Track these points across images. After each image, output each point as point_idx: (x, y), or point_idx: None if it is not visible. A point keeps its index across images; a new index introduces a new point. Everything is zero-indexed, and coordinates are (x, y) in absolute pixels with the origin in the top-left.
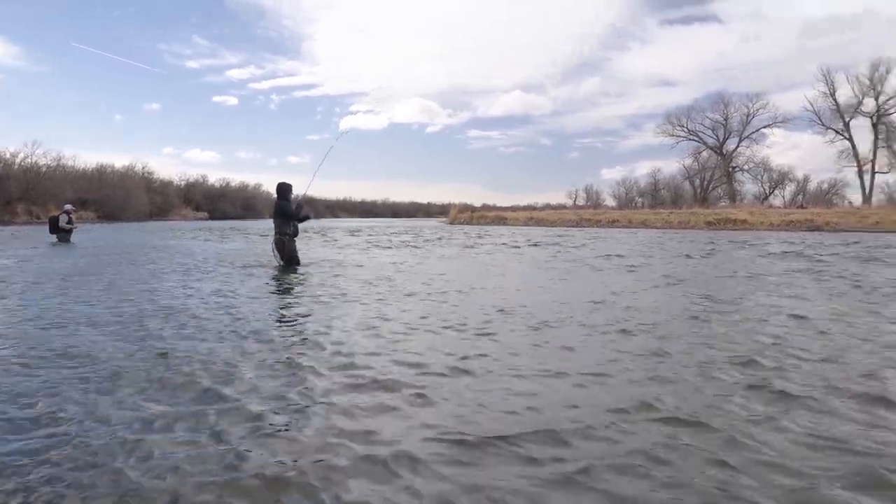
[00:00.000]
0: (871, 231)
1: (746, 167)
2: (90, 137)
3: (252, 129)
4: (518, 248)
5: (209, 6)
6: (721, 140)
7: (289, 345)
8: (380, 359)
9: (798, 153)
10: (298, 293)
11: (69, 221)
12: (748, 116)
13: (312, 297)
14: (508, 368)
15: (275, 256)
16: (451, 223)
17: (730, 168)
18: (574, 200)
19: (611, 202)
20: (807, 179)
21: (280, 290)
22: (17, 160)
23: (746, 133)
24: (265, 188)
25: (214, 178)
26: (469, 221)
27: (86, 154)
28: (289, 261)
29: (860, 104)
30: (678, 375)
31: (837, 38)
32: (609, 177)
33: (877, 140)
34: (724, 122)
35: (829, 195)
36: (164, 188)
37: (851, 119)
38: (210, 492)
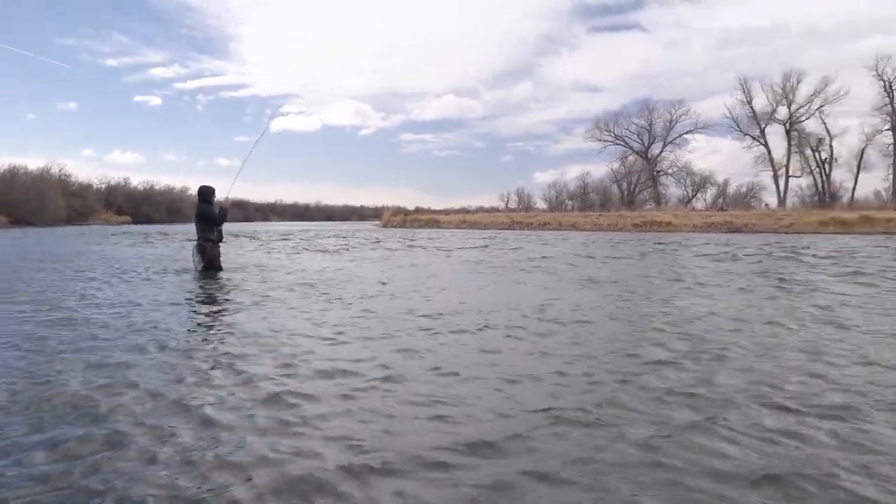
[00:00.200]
0: (786, 232)
1: (670, 171)
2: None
3: (178, 130)
4: (448, 251)
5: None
6: (646, 145)
7: (194, 353)
8: (296, 369)
9: (718, 158)
10: (217, 299)
11: None
12: (671, 122)
13: (232, 303)
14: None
15: (194, 262)
16: (385, 226)
17: (655, 172)
18: (506, 203)
19: (542, 205)
20: (727, 183)
21: (194, 296)
22: None
23: (670, 138)
24: (192, 191)
25: (138, 181)
26: (403, 224)
27: None
28: (209, 266)
29: (774, 112)
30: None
31: (753, 49)
32: (541, 180)
33: (790, 146)
34: (649, 128)
35: (748, 198)
36: (83, 191)
37: (766, 126)
38: None
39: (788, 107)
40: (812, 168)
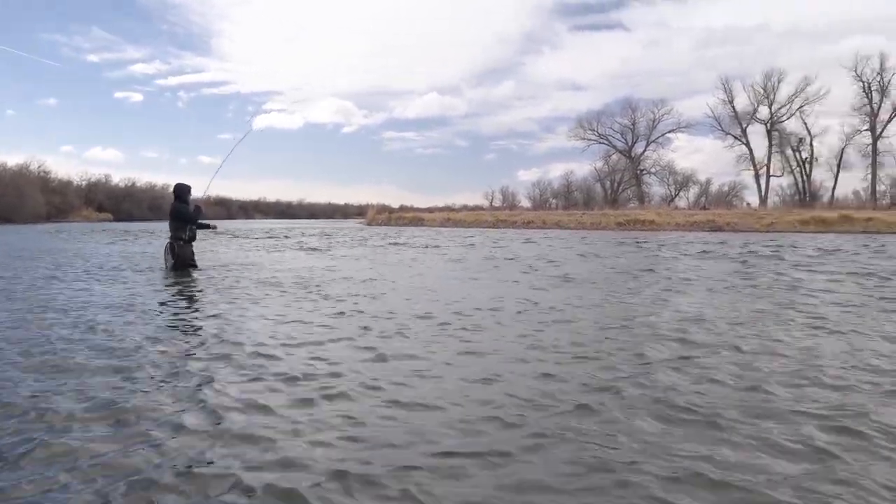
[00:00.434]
0: (767, 231)
1: (653, 170)
2: None
3: (159, 127)
4: (436, 249)
5: None
6: (629, 144)
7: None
8: (259, 371)
9: (700, 157)
10: (181, 297)
11: None
12: (654, 122)
13: (197, 303)
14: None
15: (165, 260)
16: (369, 224)
17: (638, 171)
18: (490, 201)
19: (526, 203)
20: (709, 182)
21: (154, 295)
22: None
23: (653, 137)
24: (192, 189)
25: (119, 178)
26: (387, 223)
27: None
28: (181, 265)
29: (755, 111)
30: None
31: (735, 49)
32: (524, 178)
33: (771, 145)
34: (632, 127)
35: (730, 197)
36: (63, 188)
37: (748, 125)
38: None
39: (769, 106)
40: (793, 167)
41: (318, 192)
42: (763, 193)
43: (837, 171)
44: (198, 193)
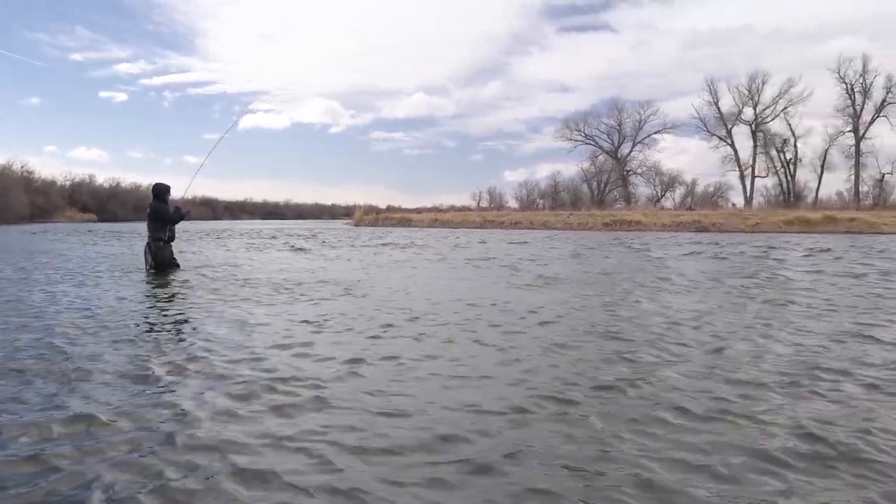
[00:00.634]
0: (752, 232)
1: (640, 171)
2: None
3: (144, 127)
4: (426, 249)
5: None
6: (616, 145)
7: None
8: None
9: (686, 158)
10: (158, 298)
11: None
12: (640, 122)
13: (174, 304)
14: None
15: (145, 261)
16: (357, 225)
17: (624, 172)
18: (478, 202)
19: (513, 204)
20: (695, 183)
21: (144, 296)
22: None
23: (639, 138)
24: (171, 189)
25: (103, 178)
26: (375, 223)
27: None
28: (160, 266)
29: (740, 113)
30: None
31: (720, 50)
32: (512, 179)
33: (755, 146)
34: (619, 128)
35: (715, 197)
36: (47, 188)
37: (733, 126)
38: None
39: (754, 108)
40: (777, 168)
41: (306, 193)
42: (748, 194)
43: (821, 172)
44: (179, 193)
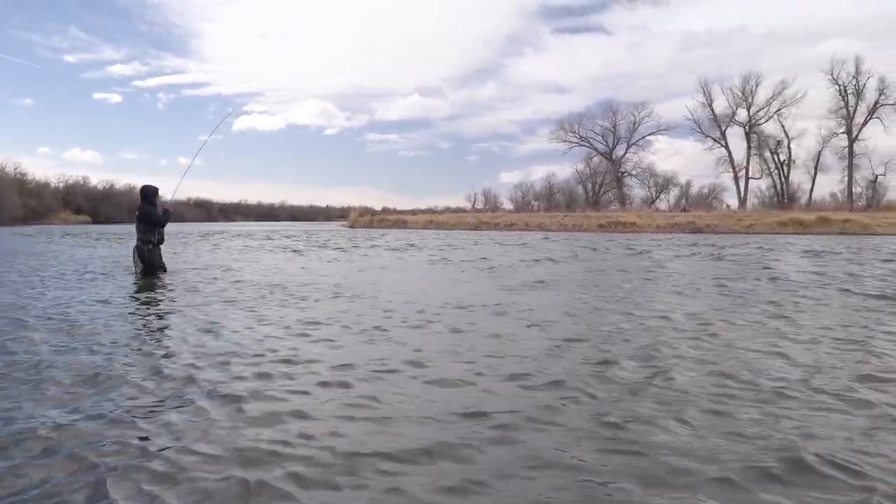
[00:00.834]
0: (746, 233)
1: (634, 172)
2: None
3: (138, 129)
4: (422, 251)
5: None
6: (610, 146)
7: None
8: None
9: (681, 159)
10: (145, 302)
11: None
12: (634, 124)
13: (160, 307)
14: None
15: (134, 263)
16: (352, 226)
17: (619, 173)
18: (473, 203)
19: (508, 205)
20: (689, 184)
21: (130, 298)
22: None
23: (633, 140)
24: (159, 191)
25: (97, 180)
26: (370, 225)
27: None
28: (150, 268)
29: (734, 114)
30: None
31: (714, 52)
32: (507, 180)
33: (749, 148)
34: (613, 129)
35: (710, 199)
36: (41, 190)
37: (727, 128)
38: None
39: (748, 109)
40: (771, 170)
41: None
42: (742, 195)
43: (815, 174)
44: (169, 194)
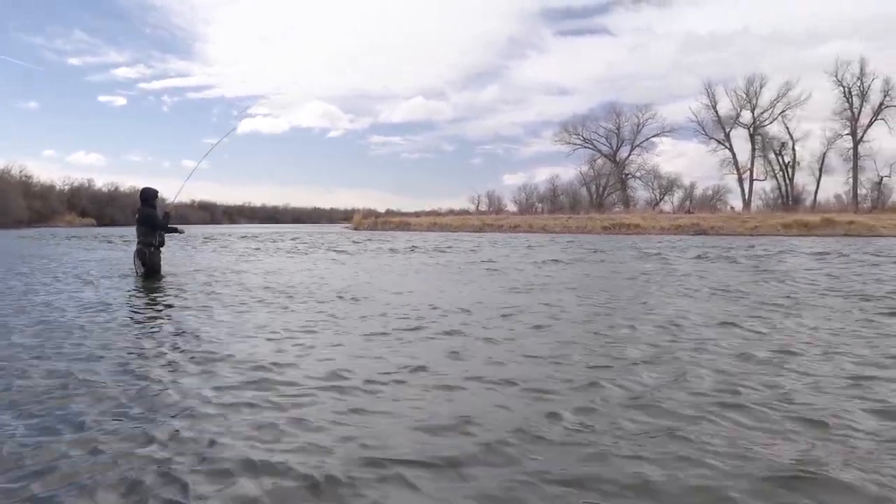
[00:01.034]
0: (751, 235)
1: (638, 174)
2: None
3: (143, 131)
4: (421, 254)
5: (93, 1)
6: (614, 148)
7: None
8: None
9: (685, 161)
10: (147, 305)
11: None
12: (638, 126)
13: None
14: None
15: (136, 266)
16: (356, 229)
17: (623, 175)
18: (477, 206)
19: (512, 207)
20: (693, 186)
21: (131, 302)
22: None
23: (637, 142)
24: (159, 193)
25: (102, 183)
26: (373, 227)
27: None
28: (150, 272)
29: (738, 116)
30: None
31: (717, 53)
32: (510, 182)
33: (754, 150)
34: (617, 131)
35: (714, 201)
36: (46, 193)
37: (731, 130)
38: None
39: (752, 111)
40: (775, 171)
41: (304, 197)
42: (746, 197)
43: (819, 175)
44: (171, 196)
